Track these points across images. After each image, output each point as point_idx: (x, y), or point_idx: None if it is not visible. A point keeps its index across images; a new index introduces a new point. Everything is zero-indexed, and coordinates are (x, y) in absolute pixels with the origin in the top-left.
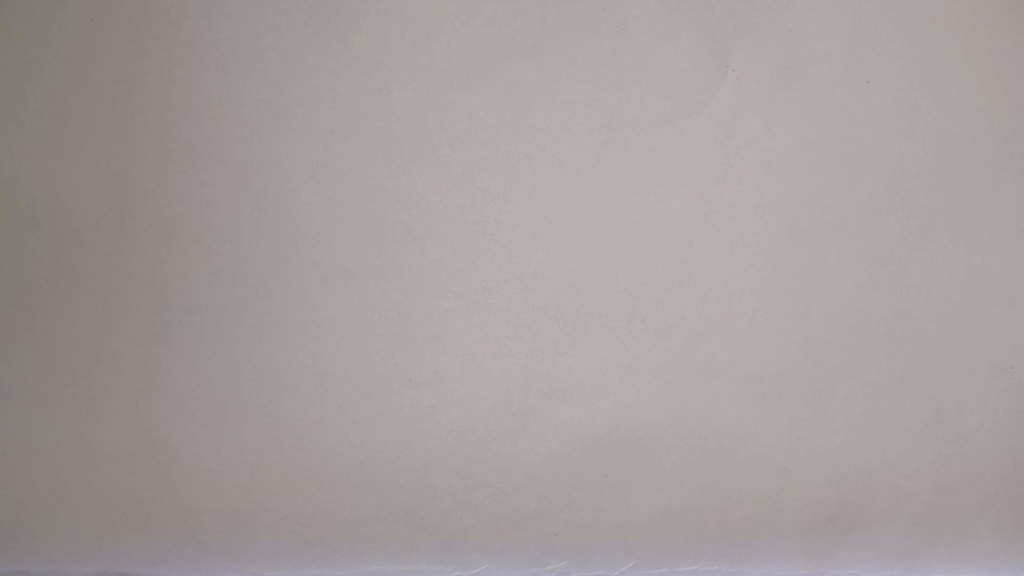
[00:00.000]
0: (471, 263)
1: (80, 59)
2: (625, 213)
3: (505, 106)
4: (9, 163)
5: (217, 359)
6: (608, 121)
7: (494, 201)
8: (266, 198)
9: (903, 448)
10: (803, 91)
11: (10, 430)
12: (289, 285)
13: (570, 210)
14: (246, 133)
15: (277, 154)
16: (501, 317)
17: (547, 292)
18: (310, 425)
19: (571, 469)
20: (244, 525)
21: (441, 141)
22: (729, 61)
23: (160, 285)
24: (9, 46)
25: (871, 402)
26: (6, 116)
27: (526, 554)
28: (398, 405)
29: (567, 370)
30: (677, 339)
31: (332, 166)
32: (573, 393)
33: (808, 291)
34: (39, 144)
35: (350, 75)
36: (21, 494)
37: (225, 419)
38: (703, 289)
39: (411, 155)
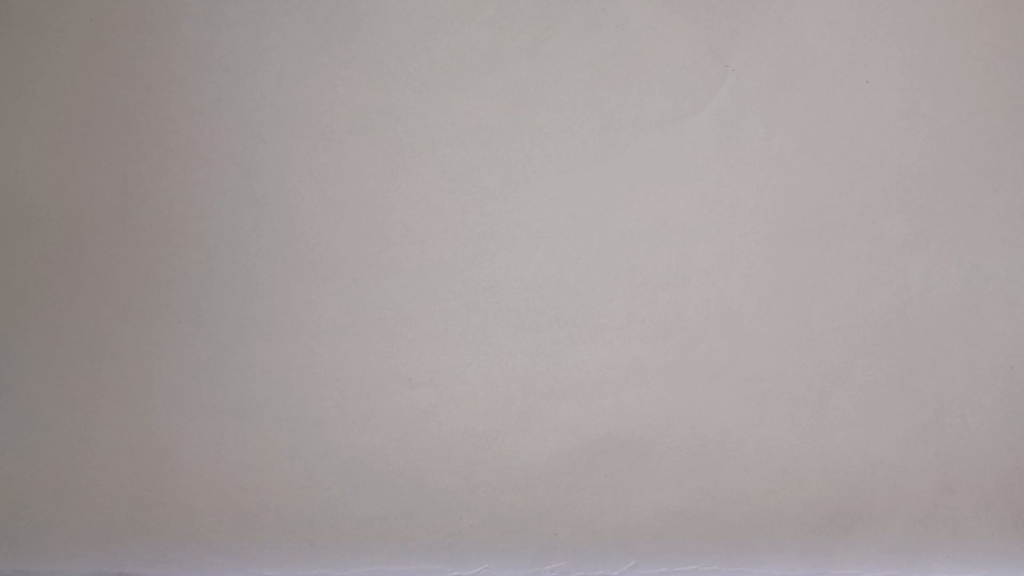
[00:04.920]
0: (471, 263)
1: (80, 59)
2: (625, 213)
3: (505, 106)
4: (9, 163)
5: (217, 359)
6: (608, 121)
7: (494, 201)
8: (266, 198)
9: (903, 448)
10: (803, 91)
11: (10, 430)
12: (289, 285)
13: (570, 210)
14: (246, 133)
15: (277, 154)
16: (501, 317)
17: (547, 292)
18: (310, 425)
19: (571, 469)
20: (244, 525)
21: (441, 141)
22: (729, 61)
23: (160, 285)
24: (9, 46)
25: (871, 402)
26: (6, 116)
27: (526, 554)
28: (398, 405)
29: (567, 370)
30: (677, 339)
31: (332, 166)
32: (573, 393)
33: (808, 291)
34: (39, 144)
35: (350, 75)
36: (21, 494)
37: (225, 419)
38: (703, 289)
39: (411, 155)
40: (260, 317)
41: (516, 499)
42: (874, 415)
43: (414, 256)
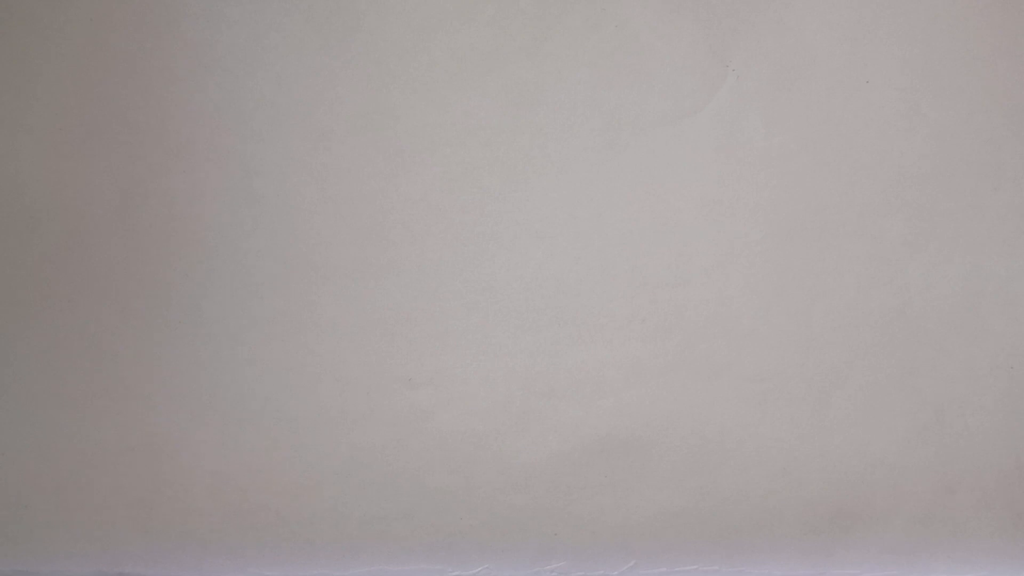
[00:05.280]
0: (471, 263)
1: (80, 59)
2: (625, 213)
3: (505, 106)
4: (9, 163)
5: (217, 359)
6: (608, 121)
7: (494, 201)
8: (266, 198)
9: (903, 448)
10: (803, 91)
11: (10, 430)
12: (289, 285)
13: (570, 210)
14: (246, 133)
15: (277, 154)
16: (501, 317)
17: (547, 292)
18: (310, 425)
19: (571, 469)
20: (244, 525)
21: (441, 141)
22: (729, 61)
23: (160, 285)
24: (9, 46)
25: (871, 402)
26: (6, 116)
27: (526, 554)
28: (398, 405)
29: (567, 370)
30: (677, 339)
31: (332, 166)
32: (573, 393)
33: (808, 291)
34: (39, 144)
35: (350, 75)
36: (21, 494)
37: (225, 419)
38: (703, 289)
39: (411, 155)
40: (260, 317)
41: (516, 499)
42: (874, 415)
43: (414, 256)
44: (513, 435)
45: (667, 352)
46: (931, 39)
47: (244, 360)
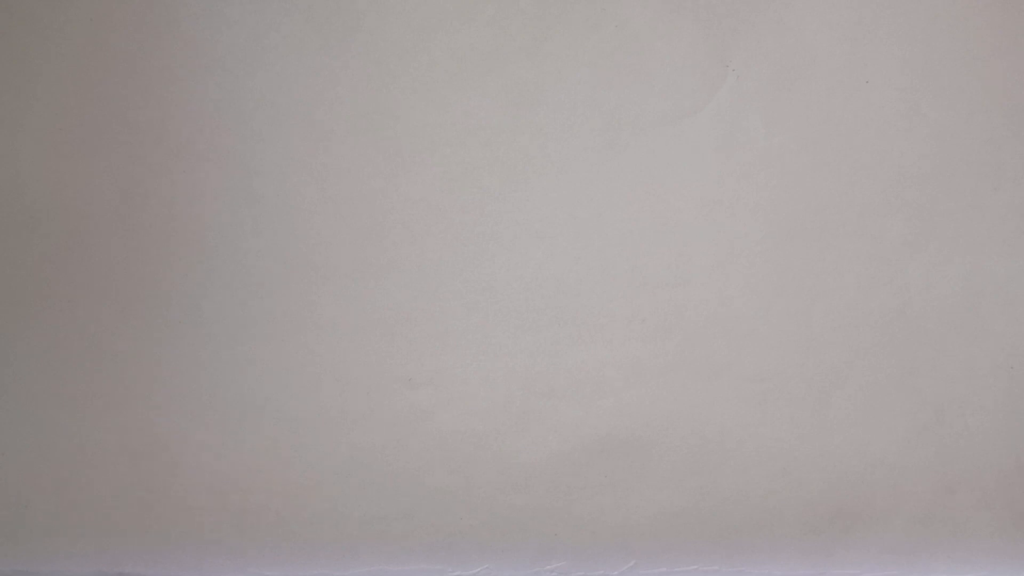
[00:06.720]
0: (471, 263)
1: (80, 59)
2: (625, 213)
3: (505, 106)
4: (9, 163)
5: (217, 359)
6: (608, 121)
7: (494, 201)
8: (266, 198)
9: (903, 448)
10: (803, 91)
11: (10, 430)
12: (289, 285)
13: (570, 210)
14: (246, 133)
15: (277, 154)
16: (501, 317)
17: (547, 292)
18: (310, 425)
19: (571, 469)
20: (244, 525)
21: (441, 141)
22: (729, 61)
23: (160, 285)
24: (9, 46)
25: (871, 402)
26: (6, 116)
27: (526, 554)
28: (398, 405)
29: (567, 370)
30: (677, 339)
31: (332, 166)
32: (573, 393)
33: (808, 291)
34: (39, 144)
35: (350, 75)
36: (22, 494)
37: (225, 419)
38: (703, 289)
39: (411, 155)
40: (260, 317)
41: (516, 499)
42: (874, 415)
43: (414, 256)
44: (513, 435)
45: (667, 352)
46: (931, 39)
47: (244, 360)
